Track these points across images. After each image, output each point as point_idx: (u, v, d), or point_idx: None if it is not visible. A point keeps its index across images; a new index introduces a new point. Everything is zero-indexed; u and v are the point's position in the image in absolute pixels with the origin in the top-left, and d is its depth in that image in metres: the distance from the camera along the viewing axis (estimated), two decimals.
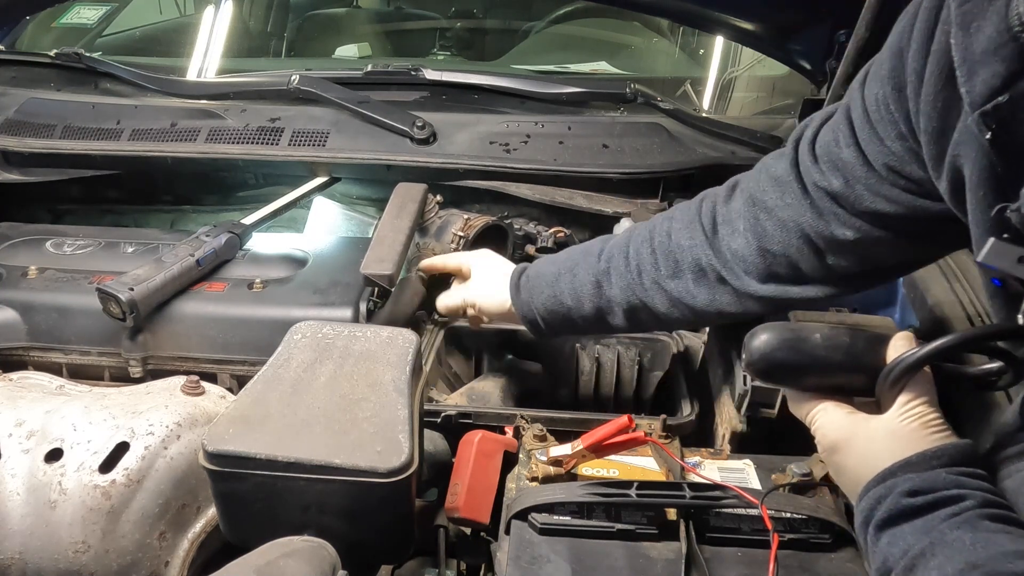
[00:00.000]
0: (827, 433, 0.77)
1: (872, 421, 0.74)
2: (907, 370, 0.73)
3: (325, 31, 2.64)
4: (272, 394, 0.91)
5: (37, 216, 1.66)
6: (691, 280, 0.99)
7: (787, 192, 0.89)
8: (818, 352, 0.76)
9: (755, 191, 0.93)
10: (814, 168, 0.85)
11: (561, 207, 1.47)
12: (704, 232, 0.98)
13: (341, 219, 1.60)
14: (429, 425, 1.10)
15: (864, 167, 0.80)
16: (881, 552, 0.68)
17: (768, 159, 0.95)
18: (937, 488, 0.67)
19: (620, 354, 1.36)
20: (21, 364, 1.22)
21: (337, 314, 1.18)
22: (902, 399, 0.73)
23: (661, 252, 1.01)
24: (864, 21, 1.23)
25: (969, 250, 0.71)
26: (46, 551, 0.90)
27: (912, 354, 0.73)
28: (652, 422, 1.02)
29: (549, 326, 1.11)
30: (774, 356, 0.77)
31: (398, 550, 0.95)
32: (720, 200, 0.98)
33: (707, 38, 2.10)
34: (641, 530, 0.85)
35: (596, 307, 1.05)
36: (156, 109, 1.62)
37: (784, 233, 0.90)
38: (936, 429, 0.72)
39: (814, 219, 0.86)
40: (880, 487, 0.70)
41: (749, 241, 0.93)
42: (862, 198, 0.81)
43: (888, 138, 0.76)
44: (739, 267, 0.95)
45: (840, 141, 0.82)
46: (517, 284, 1.13)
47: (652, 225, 1.04)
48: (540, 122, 1.53)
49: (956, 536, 0.63)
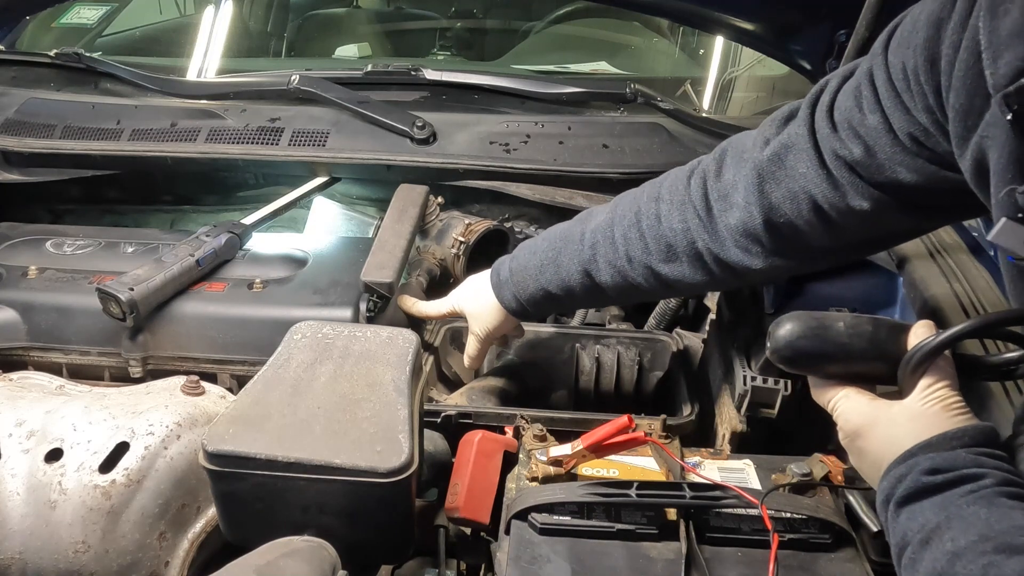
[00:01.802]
0: (849, 419, 0.77)
1: (894, 406, 0.75)
2: (928, 355, 0.73)
3: (325, 31, 2.64)
4: (272, 394, 0.91)
5: (37, 216, 1.66)
6: (687, 264, 0.97)
7: (801, 160, 0.85)
8: (841, 340, 0.77)
9: (760, 160, 0.89)
10: (833, 137, 0.82)
11: (561, 207, 1.47)
12: (697, 213, 0.95)
13: (341, 219, 1.60)
14: (429, 425, 1.10)
15: (888, 135, 0.78)
16: (900, 528, 0.68)
17: (770, 126, 0.91)
18: (957, 467, 0.67)
19: (620, 354, 1.36)
20: (21, 364, 1.22)
21: (337, 314, 1.18)
22: (923, 383, 0.73)
23: (651, 237, 0.98)
24: (864, 21, 1.23)
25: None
26: (46, 551, 0.90)
27: (933, 339, 0.73)
28: (652, 422, 1.02)
29: (539, 313, 1.16)
30: (799, 344, 0.78)
31: (398, 550, 0.95)
32: (710, 174, 0.95)
33: (707, 38, 2.10)
34: (641, 530, 0.85)
35: (587, 293, 1.06)
36: (156, 109, 1.62)
37: (793, 204, 0.87)
38: (957, 412, 0.72)
39: (829, 190, 0.84)
40: (901, 467, 0.70)
41: (752, 214, 0.90)
42: (883, 167, 0.79)
43: (915, 109, 0.74)
44: (738, 245, 0.93)
45: (864, 107, 0.79)
46: (499, 282, 1.13)
47: (637, 206, 1.01)
48: (540, 122, 1.53)
49: (972, 511, 0.63)
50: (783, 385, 1.04)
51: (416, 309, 1.25)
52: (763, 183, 0.89)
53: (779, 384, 1.05)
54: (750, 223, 0.91)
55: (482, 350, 1.21)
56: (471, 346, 1.21)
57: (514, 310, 1.13)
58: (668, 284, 1.00)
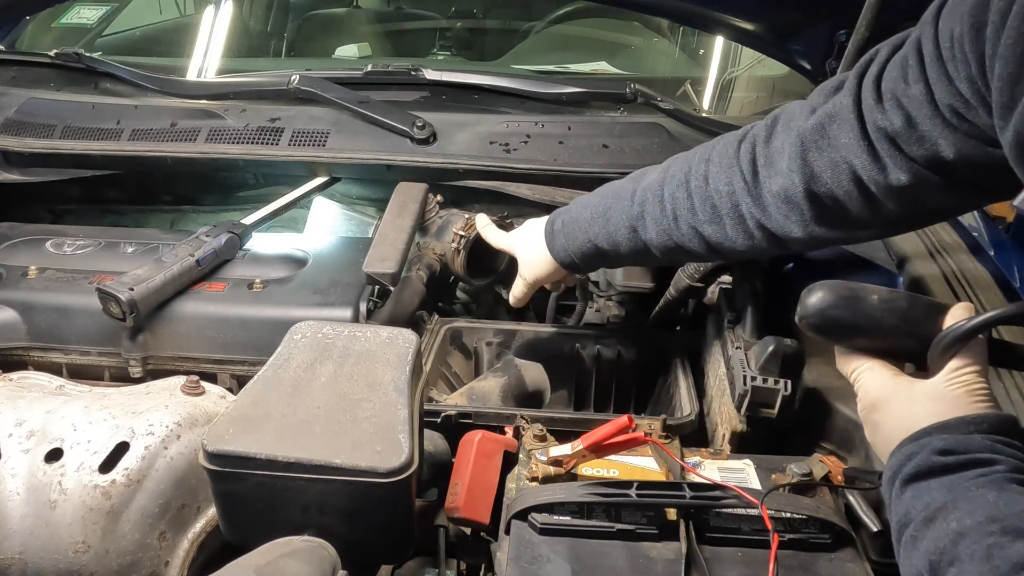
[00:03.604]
0: (869, 390, 0.77)
1: (917, 384, 0.74)
2: (961, 337, 0.72)
3: (325, 31, 2.64)
4: (272, 394, 0.91)
5: (37, 216, 1.66)
6: (729, 226, 0.98)
7: (844, 131, 0.84)
8: (874, 313, 0.77)
9: (804, 128, 0.88)
10: (877, 108, 0.81)
11: (561, 207, 1.47)
12: (743, 177, 0.95)
13: (341, 219, 1.60)
14: (429, 425, 1.10)
15: (930, 106, 0.76)
16: (904, 505, 0.67)
17: (820, 95, 0.90)
18: (971, 450, 0.67)
19: (620, 354, 1.36)
20: (21, 364, 1.22)
21: (337, 314, 1.18)
22: (952, 365, 0.72)
23: (698, 197, 1.00)
24: (864, 21, 1.23)
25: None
26: (46, 551, 0.90)
27: (967, 322, 0.72)
28: (652, 422, 1.02)
29: (588, 267, 1.19)
30: (829, 312, 0.77)
31: (398, 550, 0.95)
32: (760, 140, 0.95)
33: (707, 38, 2.10)
34: (641, 530, 0.85)
35: (633, 250, 1.08)
36: (156, 109, 1.62)
37: (834, 173, 0.86)
38: (980, 398, 0.71)
39: (869, 162, 0.83)
40: (913, 444, 0.70)
41: (794, 182, 0.89)
42: (923, 139, 0.78)
43: (957, 79, 0.72)
44: (779, 211, 0.93)
45: (908, 77, 0.78)
46: (552, 232, 1.17)
47: (688, 167, 1.02)
48: (540, 122, 1.53)
49: (981, 493, 0.63)
50: (783, 385, 1.04)
51: (485, 232, 1.32)
52: (806, 151, 0.88)
53: (779, 384, 1.05)
54: (791, 190, 0.90)
55: (527, 294, 1.26)
56: (517, 287, 1.26)
57: (563, 261, 1.17)
58: (711, 246, 1.01)
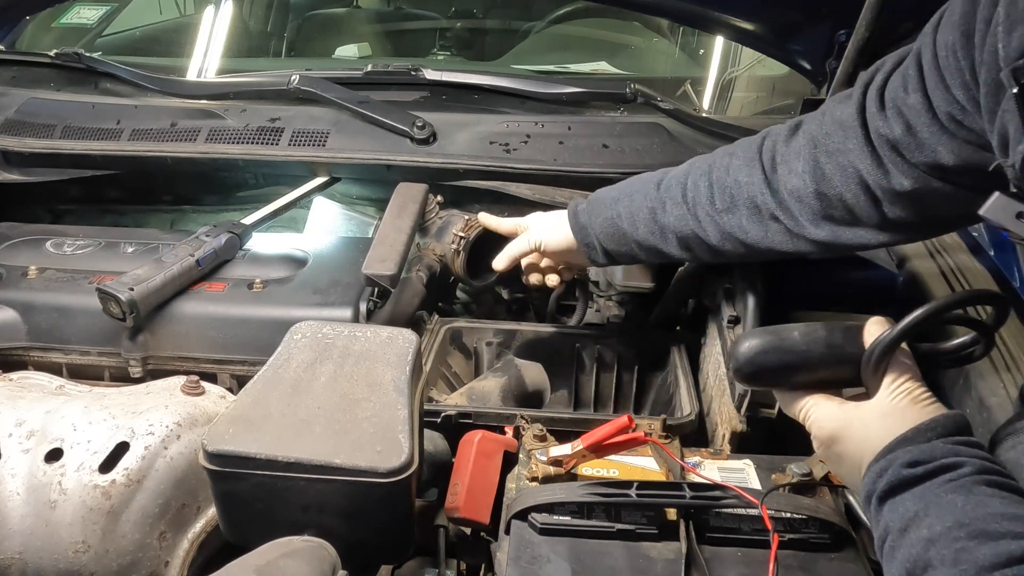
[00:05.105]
0: (822, 425, 0.78)
1: (863, 407, 0.75)
2: (886, 350, 0.74)
3: (325, 31, 2.64)
4: (272, 394, 0.91)
5: (37, 216, 1.66)
6: (745, 216, 1.00)
7: (849, 137, 0.89)
8: (799, 348, 0.78)
9: (817, 132, 0.93)
10: (879, 116, 0.85)
11: (561, 207, 1.47)
12: (763, 170, 0.99)
13: (341, 219, 1.60)
14: (429, 425, 1.10)
15: (928, 114, 0.79)
16: (883, 520, 0.69)
17: (834, 101, 0.94)
18: (936, 457, 0.68)
19: (620, 354, 1.36)
20: (21, 364, 1.22)
21: (337, 314, 1.18)
22: (888, 379, 0.74)
23: (718, 186, 1.02)
24: (864, 21, 1.23)
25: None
26: (46, 551, 0.90)
27: (887, 334, 0.74)
28: (652, 422, 1.02)
29: (607, 252, 1.15)
30: (759, 360, 0.79)
31: (398, 550, 0.95)
32: (781, 139, 0.99)
33: (707, 38, 2.10)
34: (641, 530, 0.85)
35: (650, 232, 1.09)
36: (156, 109, 1.62)
37: (843, 177, 0.90)
38: (926, 402, 0.73)
39: (873, 168, 0.87)
40: (881, 462, 0.71)
41: (806, 183, 0.94)
42: (923, 146, 0.81)
43: (953, 86, 0.75)
44: (794, 207, 0.96)
45: (908, 87, 0.81)
46: (576, 211, 1.18)
47: (713, 159, 1.06)
48: (540, 122, 1.53)
49: (949, 499, 0.65)
50: None
51: (488, 221, 1.33)
52: (818, 155, 0.92)
53: None
54: (804, 190, 0.94)
55: (516, 259, 1.26)
56: (515, 246, 1.26)
57: (580, 238, 1.17)
58: (724, 236, 1.03)
